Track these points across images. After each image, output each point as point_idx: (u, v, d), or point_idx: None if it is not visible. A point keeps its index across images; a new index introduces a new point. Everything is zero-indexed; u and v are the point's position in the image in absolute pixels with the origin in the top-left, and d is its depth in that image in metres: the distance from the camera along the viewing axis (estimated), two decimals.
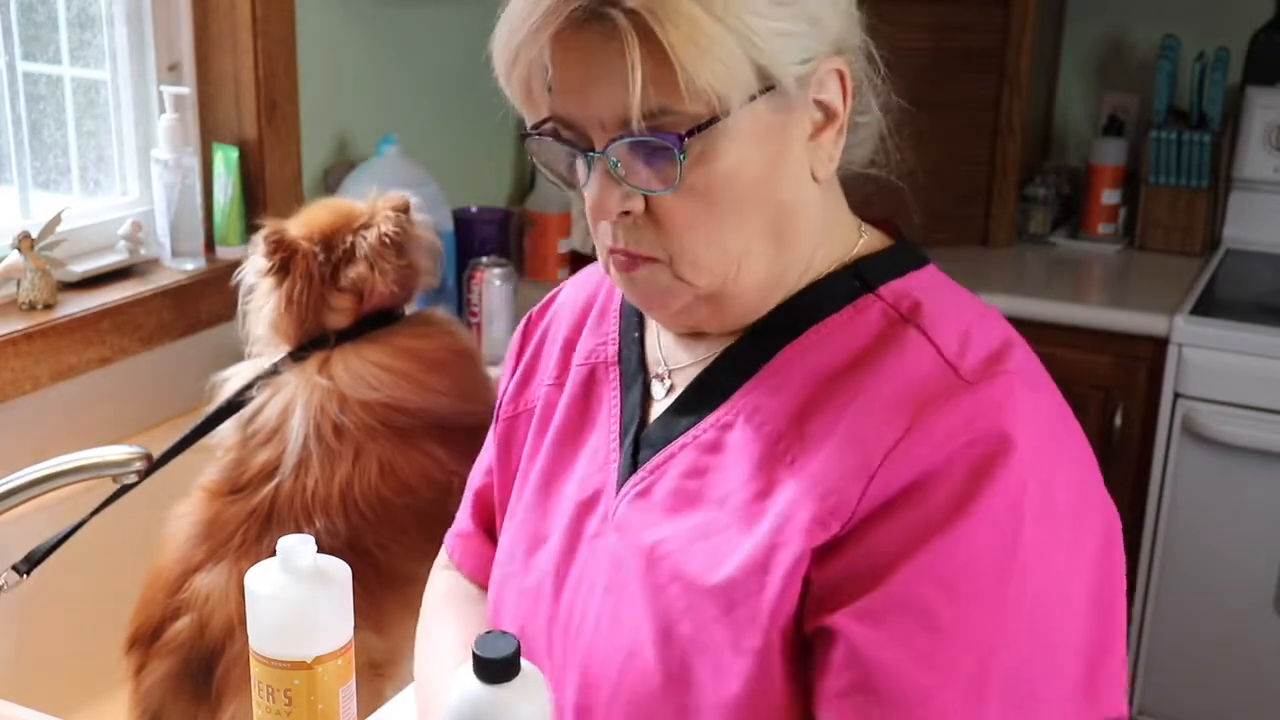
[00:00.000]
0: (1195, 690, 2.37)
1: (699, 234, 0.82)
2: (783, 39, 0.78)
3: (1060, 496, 0.82)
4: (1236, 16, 2.68)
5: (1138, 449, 2.34)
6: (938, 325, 0.83)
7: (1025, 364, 0.83)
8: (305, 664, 0.86)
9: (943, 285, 0.89)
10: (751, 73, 0.78)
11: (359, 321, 1.40)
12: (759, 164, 0.81)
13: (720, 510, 0.83)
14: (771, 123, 0.80)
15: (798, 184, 0.84)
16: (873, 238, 0.91)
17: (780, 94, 0.79)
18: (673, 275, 0.83)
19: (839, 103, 0.83)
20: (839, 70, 0.82)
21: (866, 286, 0.86)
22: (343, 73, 2.05)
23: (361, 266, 1.38)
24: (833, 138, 0.84)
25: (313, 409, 1.34)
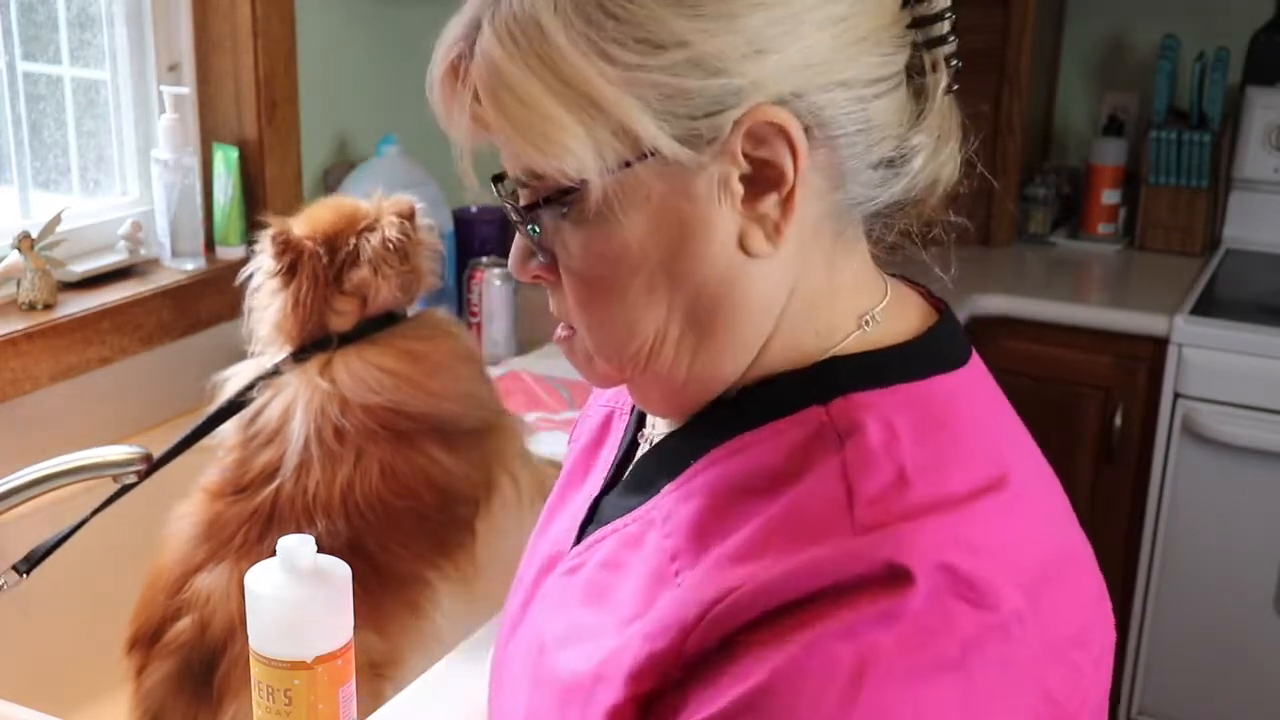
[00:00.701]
0: (1195, 690, 2.37)
1: (589, 313, 0.72)
2: (657, 96, 0.65)
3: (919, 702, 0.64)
4: (1236, 16, 2.68)
5: (1138, 449, 2.34)
6: (870, 460, 0.67)
7: (964, 528, 0.66)
8: (305, 664, 0.86)
9: (939, 404, 0.71)
10: (613, 140, 0.66)
11: (361, 324, 1.40)
12: (652, 238, 0.68)
13: (610, 617, 0.74)
14: (663, 191, 0.67)
15: (725, 261, 0.69)
16: (891, 325, 0.74)
17: (663, 159, 0.66)
18: (586, 352, 0.75)
19: (785, 162, 0.67)
20: (775, 124, 0.66)
21: (821, 395, 0.70)
22: (343, 73, 2.05)
23: (365, 271, 1.38)
24: (776, 204, 0.68)
25: (313, 411, 1.34)
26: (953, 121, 0.74)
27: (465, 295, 2.06)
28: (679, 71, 0.65)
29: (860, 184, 0.71)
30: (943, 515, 0.66)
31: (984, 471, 0.69)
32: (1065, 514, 0.76)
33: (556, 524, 0.88)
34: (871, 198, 0.72)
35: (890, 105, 0.70)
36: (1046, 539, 0.71)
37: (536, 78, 0.66)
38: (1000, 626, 0.65)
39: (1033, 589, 0.67)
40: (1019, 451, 0.75)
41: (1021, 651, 0.66)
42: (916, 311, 0.77)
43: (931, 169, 0.73)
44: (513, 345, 2.07)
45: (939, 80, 0.72)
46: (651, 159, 0.67)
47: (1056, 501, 0.76)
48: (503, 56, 0.67)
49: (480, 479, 1.42)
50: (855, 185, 0.71)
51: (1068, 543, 0.74)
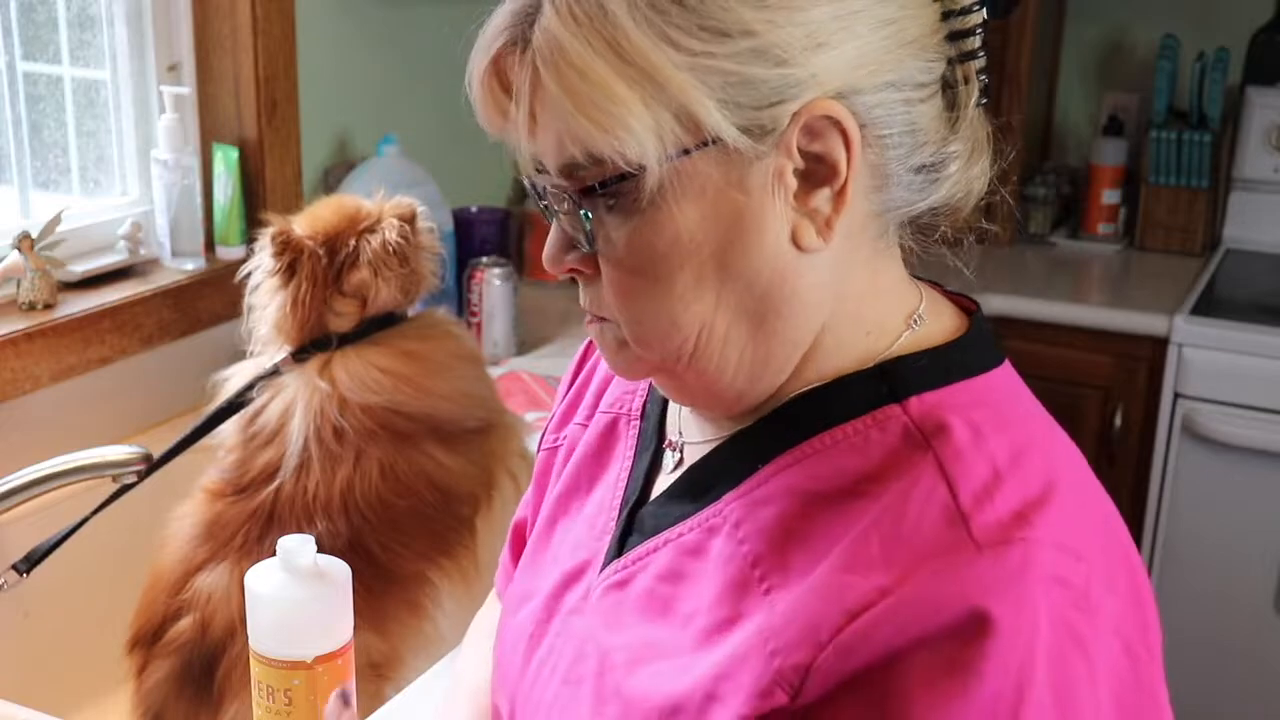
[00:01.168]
0: (1195, 690, 2.37)
1: (635, 304, 0.71)
2: (722, 83, 0.65)
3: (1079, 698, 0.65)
4: (1236, 16, 2.68)
5: (1138, 449, 2.34)
6: (962, 458, 0.67)
7: (1059, 523, 0.67)
8: (305, 664, 0.86)
9: (997, 400, 0.72)
10: (674, 125, 0.65)
11: (362, 324, 1.40)
12: (704, 229, 0.68)
13: (683, 630, 0.72)
14: (719, 181, 0.67)
15: (774, 254, 0.69)
16: (935, 325, 0.75)
17: (726, 149, 0.66)
18: (620, 339, 0.74)
19: (840, 156, 0.67)
20: (832, 118, 0.67)
21: (893, 394, 0.70)
22: (343, 73, 2.05)
23: (365, 273, 1.38)
24: (828, 199, 0.68)
25: (313, 412, 1.34)
26: (982, 135, 0.75)
27: (465, 295, 2.06)
28: (744, 60, 0.65)
29: (902, 186, 0.71)
30: (1042, 514, 0.66)
31: (1049, 464, 0.70)
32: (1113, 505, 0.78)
33: (568, 535, 0.86)
34: (911, 201, 0.72)
35: (931, 111, 0.71)
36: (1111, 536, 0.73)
37: (602, 57, 0.65)
38: (1108, 626, 0.67)
39: (1113, 588, 0.69)
40: (1065, 442, 0.76)
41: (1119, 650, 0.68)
42: (950, 311, 0.78)
43: (965, 179, 0.74)
44: (513, 345, 2.07)
45: (971, 92, 0.73)
46: (711, 147, 0.66)
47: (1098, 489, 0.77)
48: (567, 35, 0.66)
49: (480, 478, 1.42)
50: (897, 188, 0.71)
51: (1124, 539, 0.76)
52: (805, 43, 0.66)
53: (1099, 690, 0.66)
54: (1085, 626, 0.65)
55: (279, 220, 1.39)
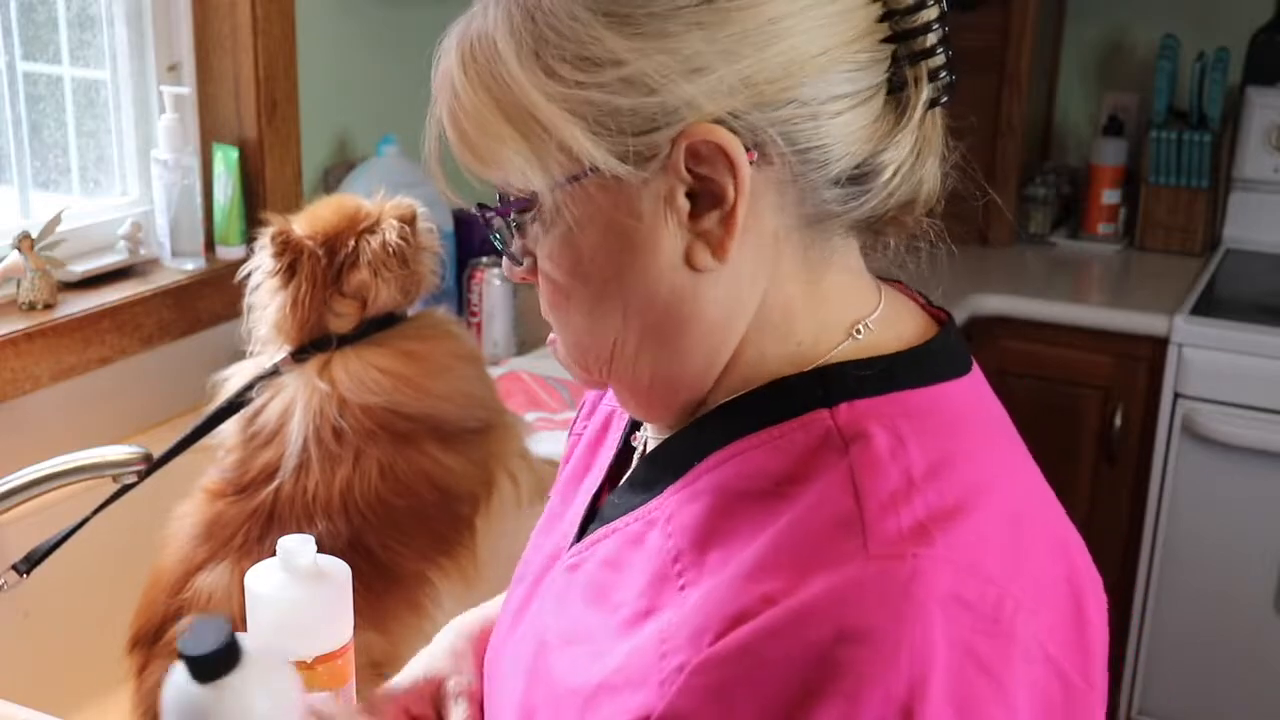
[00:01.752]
0: (1195, 690, 2.37)
1: (556, 316, 0.75)
2: (592, 114, 0.67)
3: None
4: (1236, 16, 2.68)
5: (1138, 449, 2.34)
6: (877, 467, 0.66)
7: (967, 541, 0.65)
8: (305, 664, 0.87)
9: (938, 412, 0.71)
10: (557, 155, 0.68)
11: (362, 325, 1.40)
12: (602, 251, 0.70)
13: (610, 618, 0.74)
14: (609, 206, 0.69)
15: (669, 274, 0.70)
16: (887, 333, 0.74)
17: (605, 175, 0.67)
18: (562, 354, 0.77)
19: (725, 180, 0.67)
20: (713, 142, 0.66)
21: (825, 399, 0.70)
22: (343, 73, 2.05)
23: (365, 274, 1.37)
24: (718, 221, 0.68)
25: (312, 412, 1.34)
26: (936, 135, 0.74)
27: (465, 295, 2.06)
28: (613, 90, 0.66)
29: (822, 200, 0.70)
30: (950, 530, 0.65)
31: (978, 481, 0.68)
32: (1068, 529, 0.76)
33: (561, 520, 0.88)
34: (838, 213, 0.71)
35: (854, 121, 0.69)
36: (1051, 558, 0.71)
37: (488, 94, 0.69)
38: (1022, 652, 0.65)
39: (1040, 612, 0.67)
40: (1016, 462, 0.75)
41: (1043, 674, 0.66)
42: (913, 320, 0.77)
43: (909, 186, 0.72)
44: (513, 345, 2.07)
45: (920, 95, 0.70)
46: (593, 174, 0.68)
47: (1051, 511, 0.75)
48: (461, 76, 0.70)
49: (480, 477, 1.42)
50: (816, 201, 0.70)
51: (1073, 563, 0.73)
52: (679, 69, 0.66)
53: (1017, 716, 0.64)
54: (990, 650, 0.63)
55: (279, 220, 1.39)
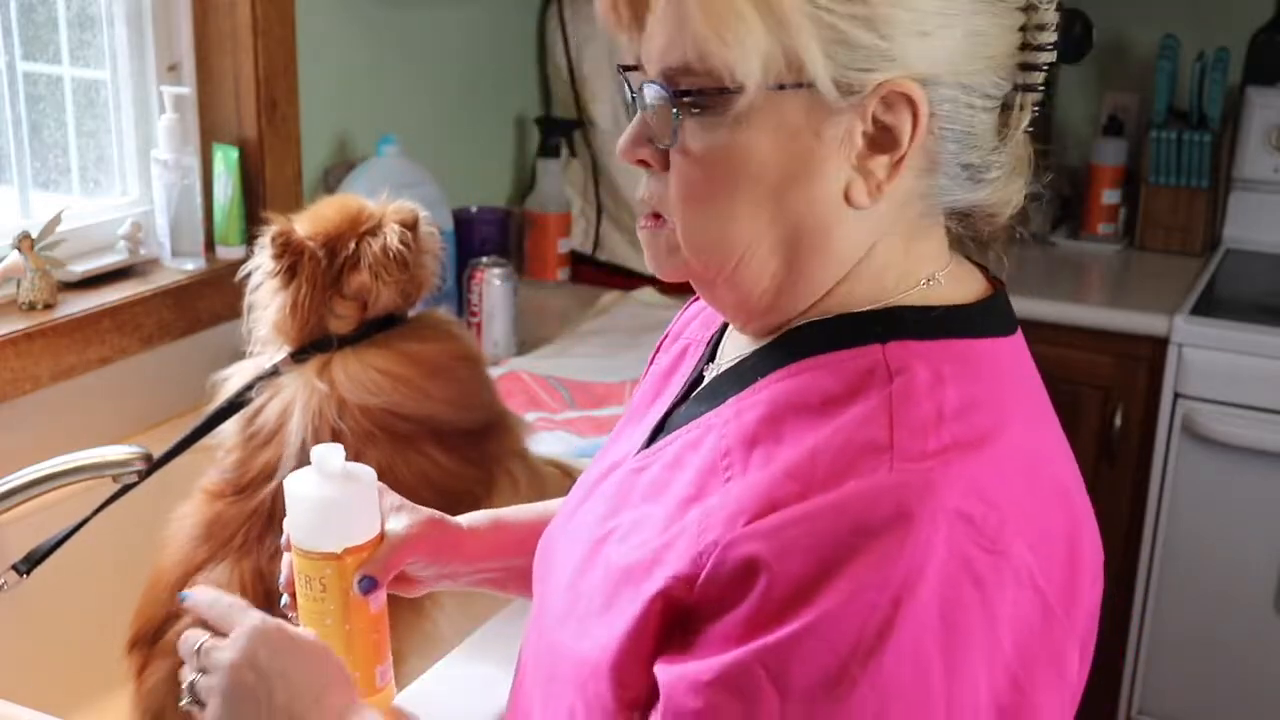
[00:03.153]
0: (1195, 690, 2.37)
1: (694, 209, 0.79)
2: (830, 37, 0.73)
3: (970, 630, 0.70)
4: (1236, 16, 2.68)
5: (1138, 449, 2.34)
6: (912, 397, 0.74)
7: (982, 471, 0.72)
8: (336, 556, 0.96)
9: (978, 360, 0.78)
10: (780, 59, 0.73)
11: (361, 327, 1.40)
12: (773, 160, 0.76)
13: (664, 509, 0.80)
14: (801, 123, 0.75)
15: (825, 201, 0.77)
16: (951, 289, 0.82)
17: (815, 95, 0.74)
18: (672, 244, 0.81)
19: (905, 131, 0.75)
20: (909, 96, 0.74)
21: (883, 335, 0.78)
22: (343, 73, 2.05)
23: (365, 276, 1.37)
24: (885, 165, 0.76)
25: (311, 413, 1.34)
26: (1024, 156, 0.83)
27: (465, 295, 2.06)
28: (854, 23, 0.73)
29: (948, 176, 0.79)
30: (968, 458, 0.72)
31: (1003, 424, 0.75)
32: (1077, 487, 0.82)
33: (625, 438, 0.94)
34: (954, 192, 0.80)
35: (989, 121, 0.79)
36: (1057, 506, 0.77)
37: None
38: (1013, 572, 0.71)
39: (1037, 546, 0.73)
40: (1041, 417, 0.82)
41: (1029, 598, 0.72)
42: (975, 284, 0.85)
43: (1005, 191, 0.82)
44: (513, 345, 2.07)
45: (1023, 118, 0.80)
46: (804, 90, 0.74)
47: (1066, 469, 0.81)
48: None
49: (479, 478, 1.42)
50: (944, 177, 0.79)
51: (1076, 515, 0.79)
52: (910, 26, 0.73)
53: (998, 629, 0.70)
54: (985, 565, 0.70)
55: (280, 220, 1.39)
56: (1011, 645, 0.71)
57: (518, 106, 2.50)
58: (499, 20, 2.39)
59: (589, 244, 2.54)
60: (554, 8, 2.46)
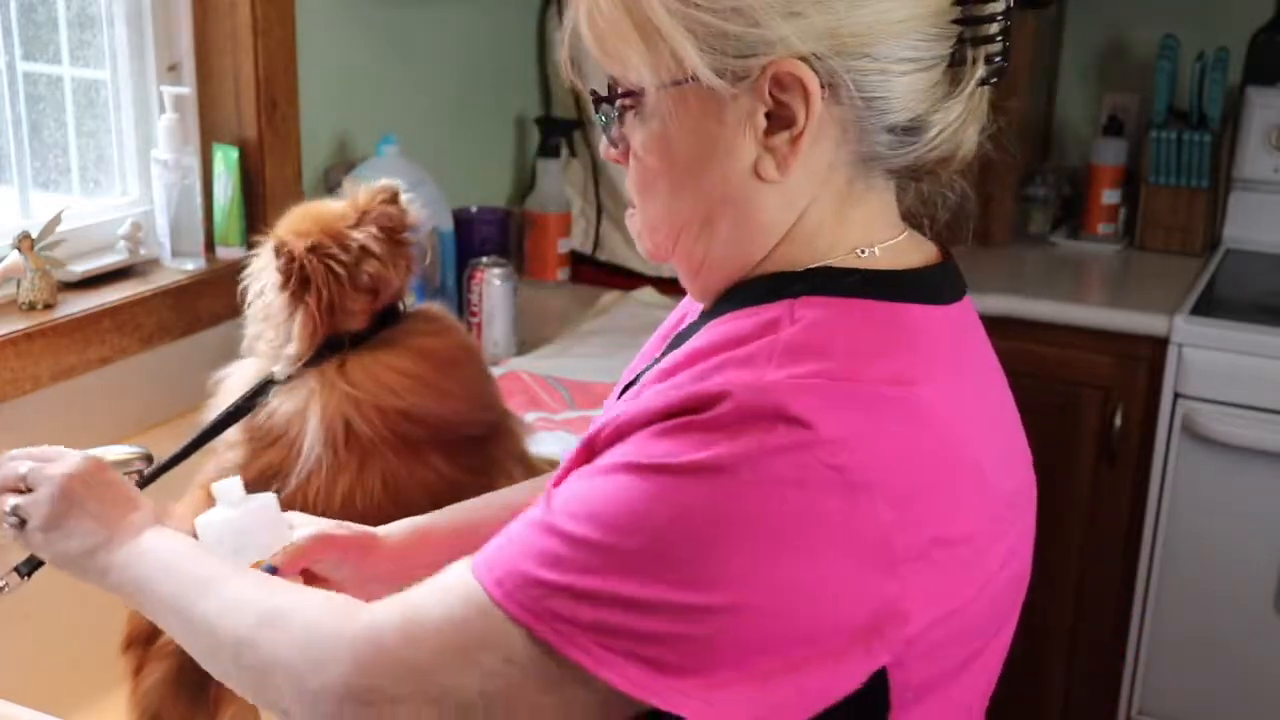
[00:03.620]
0: (1195, 690, 2.37)
1: (641, 195, 0.89)
2: (704, 33, 0.80)
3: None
4: (1236, 16, 2.68)
5: (1138, 449, 2.34)
6: (803, 333, 0.80)
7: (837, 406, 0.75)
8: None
9: (886, 321, 0.82)
10: (667, 61, 0.82)
11: (372, 320, 1.39)
12: (687, 146, 0.84)
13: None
14: (702, 111, 0.83)
15: (740, 179, 0.84)
16: (886, 259, 0.86)
17: (703, 86, 0.81)
18: (639, 227, 0.91)
19: (799, 109, 0.80)
20: (796, 75, 0.80)
21: (799, 291, 0.83)
22: (343, 73, 2.05)
23: (376, 262, 1.37)
24: (787, 141, 0.82)
25: (330, 416, 1.32)
26: (981, 108, 0.88)
27: (465, 295, 2.06)
28: (725, 16, 0.79)
29: (875, 143, 0.84)
30: (832, 386, 0.76)
31: (895, 377, 0.78)
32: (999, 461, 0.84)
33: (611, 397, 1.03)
34: (885, 156, 0.84)
35: (915, 83, 0.82)
36: (944, 467, 0.79)
37: (620, 7, 0.83)
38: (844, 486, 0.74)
39: (904, 494, 0.75)
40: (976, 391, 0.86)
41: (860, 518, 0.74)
42: (921, 257, 0.89)
43: (949, 145, 0.85)
44: (513, 345, 2.07)
45: (975, 72, 0.84)
46: (694, 83, 0.81)
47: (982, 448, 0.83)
48: None
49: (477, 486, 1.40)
50: (870, 143, 0.83)
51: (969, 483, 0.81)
52: (779, 9, 0.79)
53: (801, 522, 0.74)
54: (802, 472, 0.74)
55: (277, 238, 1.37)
56: (818, 549, 0.74)
57: (518, 106, 2.50)
58: (499, 20, 2.39)
59: (589, 244, 2.54)
60: (554, 8, 2.46)
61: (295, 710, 0.84)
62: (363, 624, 0.82)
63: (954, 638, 0.81)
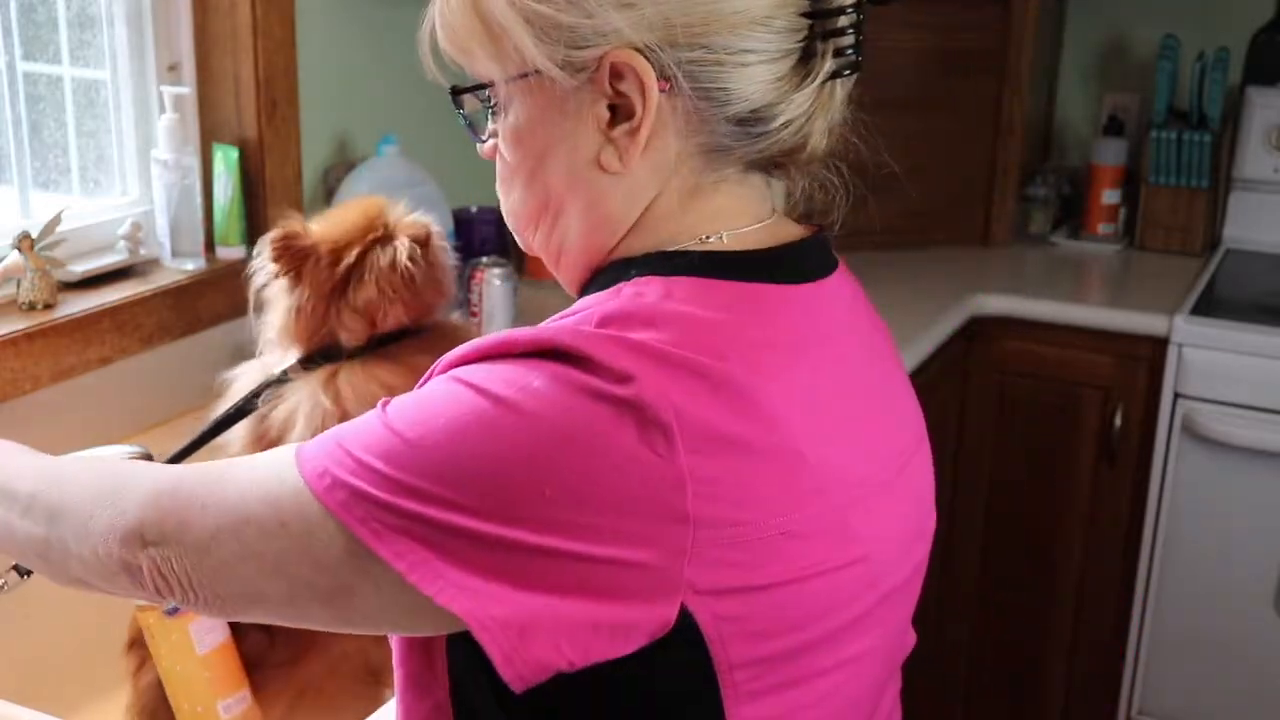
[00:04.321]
0: (1195, 690, 2.37)
1: (503, 188, 0.91)
2: (540, 25, 0.81)
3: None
4: (1236, 16, 2.68)
5: (1138, 449, 2.34)
6: (625, 305, 0.80)
7: (638, 348, 0.76)
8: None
9: (725, 299, 0.81)
10: (511, 54, 0.83)
11: (370, 341, 1.38)
12: (535, 137, 0.85)
13: None
14: (546, 103, 0.84)
15: (582, 169, 0.85)
16: (735, 243, 0.86)
17: (545, 77, 0.82)
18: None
19: (635, 100, 0.81)
20: (630, 65, 0.80)
21: (633, 275, 0.84)
22: (343, 73, 2.05)
23: (372, 291, 1.35)
24: (626, 132, 0.82)
25: (313, 427, 1.32)
26: (833, 102, 0.86)
27: (465, 295, 2.06)
28: (559, 7, 0.80)
29: (719, 134, 0.84)
30: (643, 345, 0.75)
31: (718, 353, 0.77)
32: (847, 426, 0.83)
33: None
34: (732, 147, 0.84)
35: (757, 75, 0.82)
36: (750, 436, 0.76)
37: (466, 7, 0.85)
38: (639, 421, 0.73)
39: (700, 451, 0.73)
40: (814, 367, 0.82)
41: (650, 458, 0.73)
42: (777, 240, 0.88)
43: (796, 136, 0.85)
44: None
45: (824, 66, 0.83)
46: (536, 75, 0.83)
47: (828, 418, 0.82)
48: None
49: None
50: (713, 134, 0.83)
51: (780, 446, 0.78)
52: (613, 1, 0.80)
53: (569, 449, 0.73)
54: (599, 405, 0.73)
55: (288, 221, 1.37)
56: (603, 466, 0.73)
57: None
58: None
59: None
60: None
61: (76, 552, 0.87)
62: (166, 470, 0.86)
63: (765, 616, 0.77)
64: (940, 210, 2.65)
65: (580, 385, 0.74)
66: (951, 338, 2.29)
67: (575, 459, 0.73)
